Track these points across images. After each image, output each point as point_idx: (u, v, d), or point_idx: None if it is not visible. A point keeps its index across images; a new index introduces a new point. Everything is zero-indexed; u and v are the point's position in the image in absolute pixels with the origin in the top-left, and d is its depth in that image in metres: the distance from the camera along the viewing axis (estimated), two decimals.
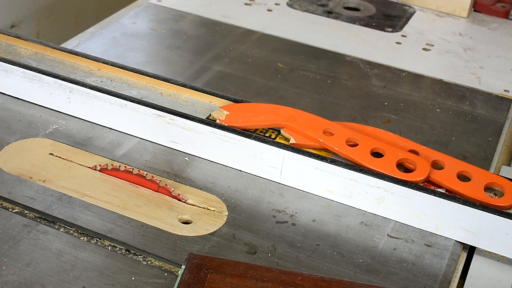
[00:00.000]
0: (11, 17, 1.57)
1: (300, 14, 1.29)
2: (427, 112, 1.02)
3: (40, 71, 0.89)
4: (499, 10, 1.37)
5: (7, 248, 0.68)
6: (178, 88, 0.89)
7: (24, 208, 0.74)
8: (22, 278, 0.65)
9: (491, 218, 0.73)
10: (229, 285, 0.63)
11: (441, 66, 1.16)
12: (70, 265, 0.67)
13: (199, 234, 0.72)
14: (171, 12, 1.24)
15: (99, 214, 0.73)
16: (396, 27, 1.28)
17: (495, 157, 0.92)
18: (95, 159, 0.82)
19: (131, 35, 1.15)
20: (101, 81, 0.90)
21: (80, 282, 0.65)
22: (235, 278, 0.63)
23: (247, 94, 1.00)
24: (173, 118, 0.83)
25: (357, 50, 1.17)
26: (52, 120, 0.88)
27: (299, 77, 1.07)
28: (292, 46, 1.17)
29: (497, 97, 1.07)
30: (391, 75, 1.11)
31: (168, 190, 0.77)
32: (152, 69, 1.03)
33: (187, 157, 0.84)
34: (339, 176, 0.78)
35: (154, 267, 0.68)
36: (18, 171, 0.79)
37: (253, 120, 0.84)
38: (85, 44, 1.09)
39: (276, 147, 0.80)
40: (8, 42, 0.96)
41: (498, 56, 1.21)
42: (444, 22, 1.32)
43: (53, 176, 0.78)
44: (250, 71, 1.08)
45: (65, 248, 0.69)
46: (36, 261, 0.67)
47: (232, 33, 1.19)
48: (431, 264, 0.72)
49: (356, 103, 1.02)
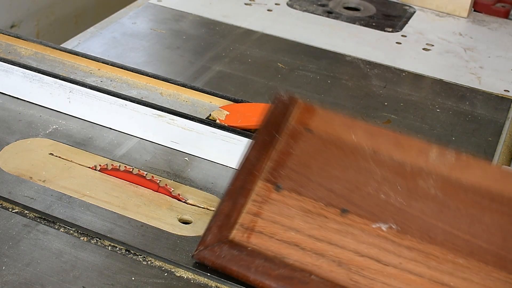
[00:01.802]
0: (11, 17, 1.56)
1: (300, 14, 1.29)
2: (427, 112, 1.02)
3: (40, 71, 0.89)
4: (499, 10, 1.37)
5: (7, 248, 0.68)
6: (178, 88, 0.89)
7: (24, 208, 0.73)
8: (22, 278, 0.65)
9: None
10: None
11: (441, 66, 1.16)
12: (70, 265, 0.67)
13: (199, 234, 0.72)
14: (171, 12, 1.24)
15: (99, 214, 0.73)
16: (396, 27, 1.28)
17: (495, 157, 0.92)
18: (95, 159, 0.82)
19: (131, 35, 1.15)
20: (101, 81, 0.90)
21: (80, 282, 0.65)
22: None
23: (247, 94, 1.00)
24: (173, 118, 0.83)
25: (357, 50, 1.17)
26: (52, 120, 0.88)
27: (299, 77, 1.07)
28: (292, 46, 1.17)
29: (497, 97, 1.07)
30: (391, 75, 1.11)
31: (168, 190, 0.77)
32: (152, 69, 1.03)
33: (187, 157, 0.84)
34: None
35: (154, 267, 0.68)
36: (18, 171, 0.79)
37: (253, 120, 0.84)
38: (85, 44, 1.09)
39: None
40: (8, 42, 0.96)
41: (498, 56, 1.21)
42: (444, 22, 1.32)
43: (53, 176, 0.78)
44: (250, 71, 1.08)
45: (65, 248, 0.69)
46: (36, 261, 0.67)
47: (232, 33, 1.19)
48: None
49: (356, 103, 1.02)
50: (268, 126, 0.70)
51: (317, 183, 0.66)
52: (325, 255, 0.62)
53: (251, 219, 0.66)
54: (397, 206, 0.64)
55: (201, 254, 0.66)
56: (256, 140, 0.70)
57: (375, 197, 0.64)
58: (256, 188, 0.67)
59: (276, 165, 0.68)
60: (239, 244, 0.65)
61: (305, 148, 0.68)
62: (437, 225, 0.62)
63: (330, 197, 0.65)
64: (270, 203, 0.66)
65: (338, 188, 0.65)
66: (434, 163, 0.65)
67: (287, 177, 0.67)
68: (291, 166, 0.67)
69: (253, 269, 0.63)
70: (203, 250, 0.66)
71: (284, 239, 0.64)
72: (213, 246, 0.65)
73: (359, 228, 0.63)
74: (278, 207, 0.66)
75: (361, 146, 0.68)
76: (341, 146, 0.68)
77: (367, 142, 0.68)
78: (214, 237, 0.66)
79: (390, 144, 0.67)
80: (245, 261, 0.63)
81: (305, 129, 0.69)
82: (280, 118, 0.70)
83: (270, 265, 0.63)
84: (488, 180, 0.64)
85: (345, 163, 0.67)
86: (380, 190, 0.65)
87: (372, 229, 0.63)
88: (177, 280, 0.67)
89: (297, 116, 0.71)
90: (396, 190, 0.64)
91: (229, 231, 0.66)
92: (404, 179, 0.65)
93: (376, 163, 0.66)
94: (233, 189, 0.68)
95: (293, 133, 0.69)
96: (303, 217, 0.64)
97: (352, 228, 0.63)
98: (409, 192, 0.64)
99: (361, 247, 0.62)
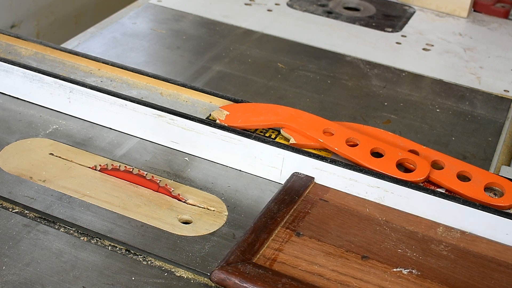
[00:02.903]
0: (11, 17, 1.57)
1: (300, 14, 1.29)
2: (427, 112, 1.02)
3: (40, 71, 0.89)
4: (499, 10, 1.37)
5: (7, 248, 0.68)
6: (178, 88, 0.89)
7: (24, 208, 0.74)
8: (22, 278, 0.65)
9: (491, 218, 0.73)
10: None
11: (441, 66, 1.16)
12: (70, 265, 0.67)
13: (199, 234, 0.72)
14: (171, 12, 1.24)
15: (99, 214, 0.73)
16: (396, 27, 1.28)
17: (495, 157, 0.92)
18: (95, 159, 0.82)
19: (131, 35, 1.15)
20: (101, 81, 0.90)
21: (80, 282, 0.65)
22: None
23: (247, 94, 1.00)
24: (173, 118, 0.83)
25: (357, 50, 1.17)
26: (52, 120, 0.88)
27: (299, 77, 1.07)
28: (292, 46, 1.17)
29: (497, 97, 1.07)
30: (391, 75, 1.11)
31: (168, 190, 0.77)
32: (152, 69, 1.03)
33: (187, 157, 0.84)
34: (339, 176, 0.78)
35: (154, 267, 0.68)
36: (18, 171, 0.79)
37: (253, 120, 0.84)
38: (85, 44, 1.09)
39: (276, 147, 0.80)
40: (8, 42, 0.96)
41: (498, 56, 1.21)
42: (444, 22, 1.32)
43: (53, 176, 0.78)
44: (250, 71, 1.08)
45: (65, 248, 0.69)
46: (36, 261, 0.67)
47: (232, 33, 1.19)
48: None
49: (356, 103, 1.02)
50: (288, 190, 0.76)
51: (336, 235, 0.70)
52: (350, 286, 0.64)
53: (273, 252, 0.67)
54: (414, 259, 0.68)
55: (223, 270, 0.65)
56: (276, 197, 0.74)
57: (393, 251, 0.69)
58: (277, 232, 0.70)
59: (295, 219, 0.72)
60: (263, 266, 0.65)
61: (322, 211, 0.73)
62: (453, 276, 0.66)
63: (349, 246, 0.69)
64: (292, 243, 0.68)
65: (357, 241, 0.70)
66: (443, 236, 0.72)
67: (307, 228, 0.70)
68: (310, 221, 0.72)
69: (280, 285, 0.63)
70: (225, 266, 0.65)
71: (308, 270, 0.65)
72: (237, 264, 0.65)
73: (381, 270, 0.66)
74: (300, 247, 0.68)
75: (375, 216, 0.74)
76: (356, 214, 0.74)
77: (380, 214, 0.74)
78: (237, 258, 0.66)
79: (401, 219, 0.74)
80: (271, 279, 0.63)
81: (320, 199, 0.75)
82: (298, 188, 0.76)
83: (298, 284, 0.63)
84: (492, 251, 0.70)
85: (360, 226, 0.72)
86: (397, 247, 0.69)
87: (393, 272, 0.66)
88: (177, 280, 0.67)
89: (313, 190, 0.77)
90: (411, 248, 0.69)
91: (253, 256, 0.66)
92: (418, 242, 0.70)
93: (390, 229, 0.72)
94: (255, 227, 0.70)
95: (310, 200, 0.75)
96: (325, 256, 0.67)
97: (374, 270, 0.66)
98: (423, 252, 0.69)
99: (385, 284, 0.64)
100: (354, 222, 0.72)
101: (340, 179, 0.78)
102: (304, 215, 0.72)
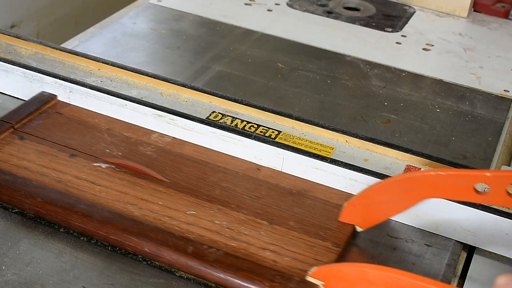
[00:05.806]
0: (11, 17, 1.57)
1: (300, 14, 1.29)
2: (427, 112, 1.02)
3: (40, 71, 0.89)
4: (499, 10, 1.37)
5: (7, 248, 0.68)
6: (178, 88, 0.89)
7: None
8: (22, 278, 0.65)
9: (491, 218, 0.73)
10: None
11: (441, 66, 1.16)
12: (70, 265, 0.67)
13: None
14: (171, 12, 1.24)
15: None
16: (396, 27, 1.28)
17: (495, 157, 0.92)
18: None
19: (131, 35, 1.15)
20: (101, 81, 0.90)
21: (80, 282, 0.65)
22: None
23: (247, 94, 1.00)
24: (173, 118, 0.83)
25: (357, 50, 1.17)
26: None
27: (299, 77, 1.07)
28: (292, 46, 1.17)
29: (497, 97, 1.07)
30: (391, 75, 1.11)
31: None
32: (152, 69, 1.03)
33: None
34: (339, 176, 0.78)
35: (154, 267, 0.68)
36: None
37: None
38: (85, 44, 1.09)
39: (276, 147, 0.80)
40: (8, 42, 0.96)
41: (498, 56, 1.21)
42: (444, 22, 1.32)
43: None
44: (250, 71, 1.08)
45: (65, 248, 0.69)
46: (36, 261, 0.67)
47: (232, 33, 1.19)
48: (431, 264, 0.73)
49: (356, 103, 1.02)
50: (28, 103, 0.87)
51: (57, 139, 0.81)
52: (49, 176, 0.75)
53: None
54: (116, 156, 0.79)
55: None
56: (15, 109, 0.86)
57: (102, 151, 0.80)
58: (3, 136, 0.80)
59: (23, 126, 0.82)
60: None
61: (53, 121, 0.84)
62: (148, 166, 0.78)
63: (63, 148, 0.80)
64: (12, 145, 0.79)
65: (73, 144, 0.80)
66: (154, 141, 0.83)
67: (32, 134, 0.81)
68: (38, 129, 0.83)
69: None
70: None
71: (16, 164, 0.76)
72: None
73: (83, 164, 0.77)
74: (17, 147, 0.79)
75: (100, 125, 0.85)
76: (83, 124, 0.85)
77: (105, 124, 0.85)
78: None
79: (122, 127, 0.85)
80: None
81: (56, 112, 0.86)
82: (38, 103, 0.87)
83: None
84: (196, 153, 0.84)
85: (83, 132, 0.83)
86: (106, 148, 0.81)
87: (93, 166, 0.77)
88: (177, 280, 0.67)
89: (54, 106, 0.87)
90: (119, 149, 0.81)
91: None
92: (128, 145, 0.82)
93: (108, 135, 0.83)
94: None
95: (47, 113, 0.86)
96: (36, 154, 0.78)
97: (77, 164, 0.77)
98: (129, 152, 0.81)
99: (80, 174, 0.75)
100: (78, 129, 0.83)
101: (340, 179, 0.78)
102: (35, 125, 0.82)
